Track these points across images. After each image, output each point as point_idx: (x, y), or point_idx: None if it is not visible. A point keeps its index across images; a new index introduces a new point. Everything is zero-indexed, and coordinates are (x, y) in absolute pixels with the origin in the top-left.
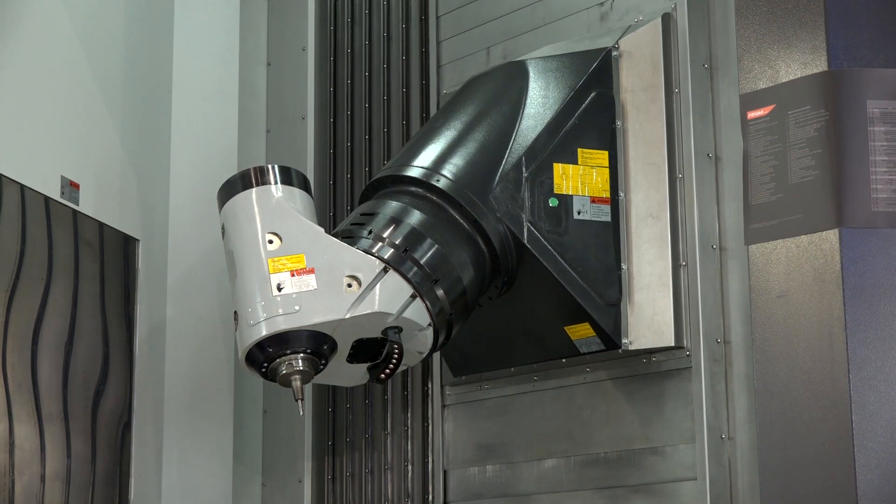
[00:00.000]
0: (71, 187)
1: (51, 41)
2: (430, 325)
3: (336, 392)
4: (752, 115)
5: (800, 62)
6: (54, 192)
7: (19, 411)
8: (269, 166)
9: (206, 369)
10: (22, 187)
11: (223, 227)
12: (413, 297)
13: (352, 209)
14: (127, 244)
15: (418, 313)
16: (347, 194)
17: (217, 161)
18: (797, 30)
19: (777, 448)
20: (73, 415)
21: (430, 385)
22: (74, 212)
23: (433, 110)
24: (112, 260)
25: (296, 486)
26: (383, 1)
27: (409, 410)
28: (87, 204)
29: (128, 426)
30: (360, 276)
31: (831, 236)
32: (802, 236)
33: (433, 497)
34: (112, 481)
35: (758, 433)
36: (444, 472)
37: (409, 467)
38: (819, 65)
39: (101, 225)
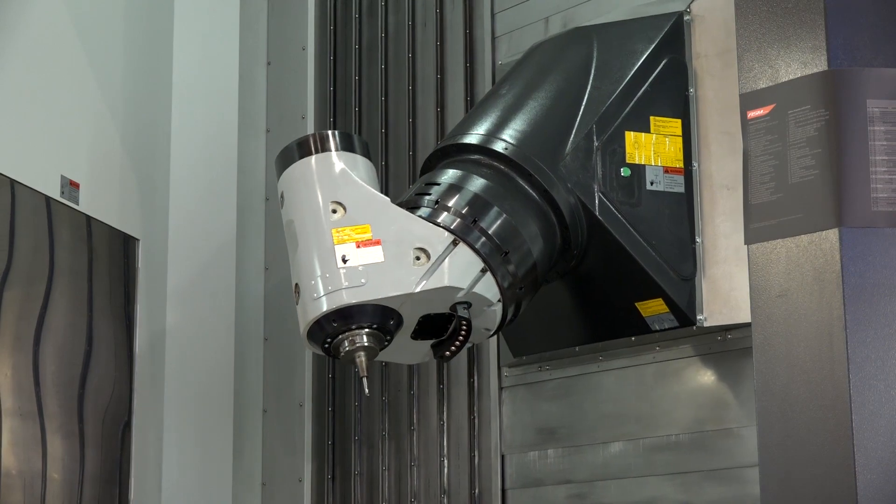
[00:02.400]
0: (71, 187)
1: (51, 40)
2: (499, 300)
3: (337, 391)
4: (751, 114)
5: (800, 62)
6: (54, 192)
7: (19, 410)
8: (330, 132)
9: (207, 368)
10: (22, 186)
11: (281, 196)
12: (483, 271)
13: None
14: (127, 244)
15: (488, 288)
16: None
17: (217, 161)
18: (797, 29)
19: (777, 448)
20: (73, 414)
21: (475, 377)
22: (74, 211)
23: (479, 89)
24: (112, 260)
25: (295, 487)
26: None
27: (446, 404)
28: (86, 203)
29: (128, 426)
30: (428, 248)
31: (831, 236)
32: (802, 236)
33: (480, 490)
34: (112, 480)
35: (758, 433)
36: (502, 457)
37: (445, 462)
38: (819, 64)
39: (101, 224)
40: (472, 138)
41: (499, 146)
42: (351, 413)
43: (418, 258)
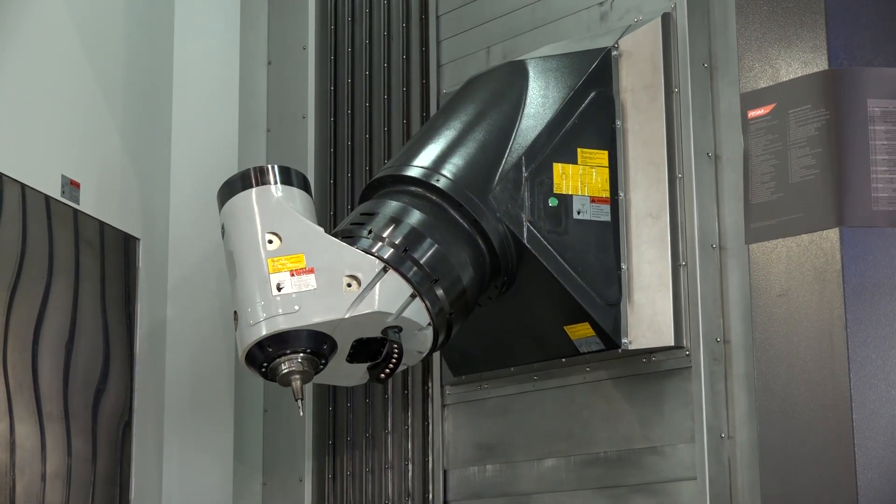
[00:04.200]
0: (71, 186)
1: (51, 40)
2: (429, 324)
3: (336, 391)
4: (752, 114)
5: (800, 61)
6: (55, 191)
7: (20, 410)
8: (269, 166)
9: (207, 368)
10: (23, 186)
11: (223, 228)
12: (413, 296)
13: (352, 208)
14: (127, 243)
15: (418, 313)
16: (348, 193)
17: (217, 160)
18: (798, 29)
19: (777, 447)
20: (74, 414)
21: (430, 384)
22: (75, 211)
23: (433, 110)
24: (113, 259)
25: (296, 486)
26: (384, 0)
27: (410, 409)
28: (87, 203)
29: (128, 425)
30: (359, 275)
31: (832, 235)
32: (803, 235)
33: (433, 496)
34: (113, 480)
35: (758, 432)
36: (444, 472)
37: (410, 466)
38: (819, 64)
39: (102, 224)
40: (413, 171)
41: (433, 179)
42: (346, 413)
43: (349, 285)
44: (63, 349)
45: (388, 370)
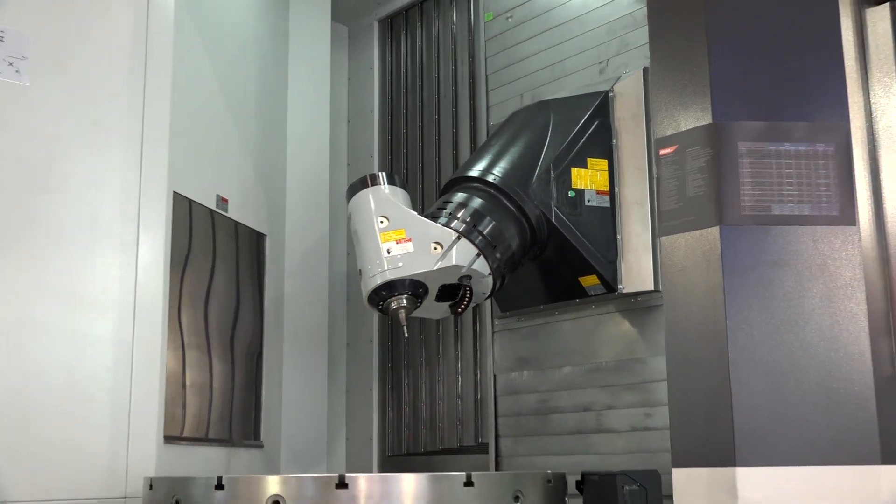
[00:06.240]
0: (222, 202)
1: (210, 109)
2: (490, 274)
3: (397, 331)
4: (663, 152)
5: (693, 118)
6: (212, 205)
7: (197, 343)
8: (379, 172)
9: (310, 321)
10: (194, 203)
11: (349, 215)
12: (478, 255)
13: None
14: (259, 238)
15: (482, 266)
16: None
17: (316, 183)
18: (691, 96)
19: (680, 374)
20: (214, 346)
21: (477, 324)
22: (225, 217)
23: (479, 139)
24: (248, 249)
25: (367, 393)
26: (434, 73)
27: (460, 340)
28: (232, 211)
29: (259, 355)
30: (442, 242)
31: (714, 231)
32: (695, 231)
33: (482, 395)
34: (250, 389)
35: (667, 366)
36: (494, 377)
37: (459, 378)
38: (706, 119)
39: (242, 226)
40: (474, 172)
41: (490, 178)
42: (401, 345)
43: (435, 248)
44: (222, 307)
45: (463, 305)
